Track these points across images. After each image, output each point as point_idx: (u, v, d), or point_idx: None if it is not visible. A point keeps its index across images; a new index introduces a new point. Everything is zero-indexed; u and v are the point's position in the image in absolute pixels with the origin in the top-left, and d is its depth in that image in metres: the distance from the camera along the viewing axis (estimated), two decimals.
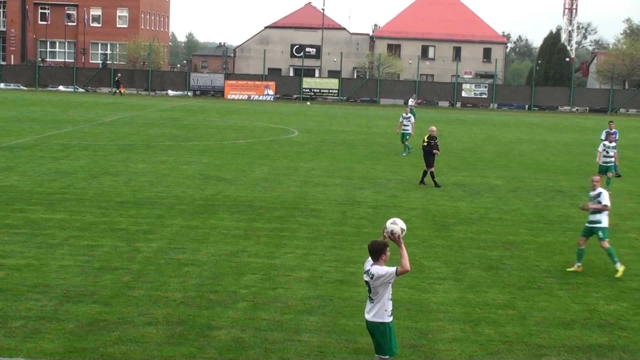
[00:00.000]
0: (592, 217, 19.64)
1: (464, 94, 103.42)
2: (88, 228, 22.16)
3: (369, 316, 11.50)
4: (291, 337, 14.14)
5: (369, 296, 11.50)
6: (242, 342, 13.83)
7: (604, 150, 32.71)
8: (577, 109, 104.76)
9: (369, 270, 11.39)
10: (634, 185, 34.60)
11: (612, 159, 32.75)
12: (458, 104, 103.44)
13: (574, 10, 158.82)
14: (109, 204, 25.85)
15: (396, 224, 11.50)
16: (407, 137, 43.53)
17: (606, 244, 19.44)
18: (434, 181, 31.99)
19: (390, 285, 11.39)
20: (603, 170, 32.42)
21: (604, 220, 19.58)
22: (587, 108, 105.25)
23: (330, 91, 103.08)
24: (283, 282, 17.52)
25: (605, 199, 19.53)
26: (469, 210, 27.29)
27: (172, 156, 38.33)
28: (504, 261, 20.35)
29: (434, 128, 33.10)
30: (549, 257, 20.91)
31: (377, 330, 11.46)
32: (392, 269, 11.23)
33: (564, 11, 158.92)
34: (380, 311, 11.40)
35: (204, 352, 13.34)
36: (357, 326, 14.75)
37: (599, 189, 19.70)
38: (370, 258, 11.49)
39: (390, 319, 11.47)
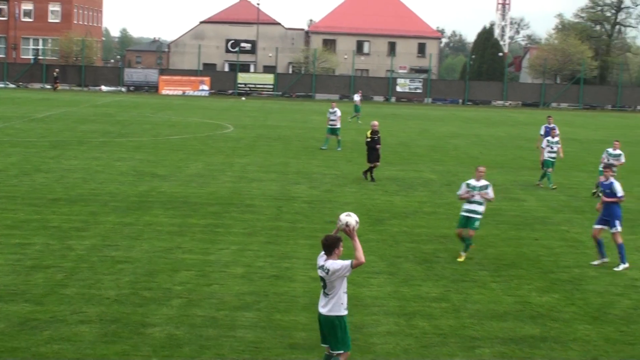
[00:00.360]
0: (470, 207, 20.12)
1: (398, 88, 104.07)
2: (19, 226, 21.83)
3: (324, 310, 11.49)
4: (226, 334, 14.10)
5: (324, 291, 11.49)
6: (176, 339, 13.76)
7: (548, 145, 32.93)
8: (510, 103, 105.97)
9: (323, 265, 11.37)
10: (565, 179, 35.08)
11: (556, 154, 32.97)
12: (393, 99, 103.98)
13: (507, 6, 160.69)
14: (41, 201, 25.50)
15: (350, 216, 11.55)
16: (337, 131, 43.36)
17: (473, 233, 20.04)
18: (371, 176, 32.15)
19: (346, 278, 11.42)
20: (548, 164, 32.64)
21: (482, 210, 20.21)
22: (520, 102, 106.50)
23: (266, 86, 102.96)
24: (218, 278, 17.46)
25: (492, 192, 20.18)
26: (403, 204, 27.45)
27: (106, 152, 37.95)
28: (438, 254, 20.52)
29: (376, 123, 33.33)
30: (482, 250, 21.11)
31: (333, 325, 11.48)
32: (347, 262, 11.24)
33: (497, 6, 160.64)
34: (337, 305, 11.43)
35: (138, 349, 13.24)
36: (292, 321, 14.78)
37: (485, 181, 20.15)
38: (323, 253, 11.49)
39: (345, 312, 11.53)
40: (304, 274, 17.99)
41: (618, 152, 29.72)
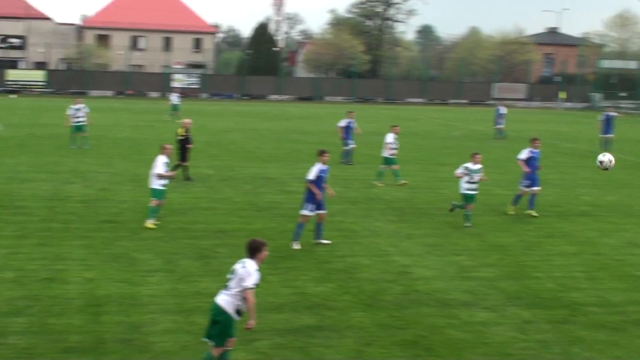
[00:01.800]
0: (166, 182, 23.09)
1: (175, 84, 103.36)
2: None
3: (218, 298, 12.19)
4: None
5: (226, 284, 12.23)
6: None
7: (394, 142, 32.59)
8: (286, 97, 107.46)
9: (239, 264, 12.03)
10: (340, 171, 35.61)
11: (397, 150, 32.82)
12: (168, 94, 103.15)
13: (282, 1, 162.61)
14: None
15: (605, 156, 11.77)
16: (84, 128, 42.17)
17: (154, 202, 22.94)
18: (188, 176, 31.47)
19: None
20: (394, 162, 32.27)
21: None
22: (296, 96, 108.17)
23: (37, 83, 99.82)
24: None
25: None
26: (181, 200, 27.25)
27: None
28: (216, 250, 20.53)
29: (187, 121, 32.98)
30: None
31: (219, 314, 12.08)
32: (251, 283, 11.96)
33: (272, 1, 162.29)
34: (231, 303, 12.07)
35: None
36: (66, 324, 14.43)
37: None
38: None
39: (236, 317, 12.20)
40: (78, 275, 17.58)
41: (479, 166, 26.63)
